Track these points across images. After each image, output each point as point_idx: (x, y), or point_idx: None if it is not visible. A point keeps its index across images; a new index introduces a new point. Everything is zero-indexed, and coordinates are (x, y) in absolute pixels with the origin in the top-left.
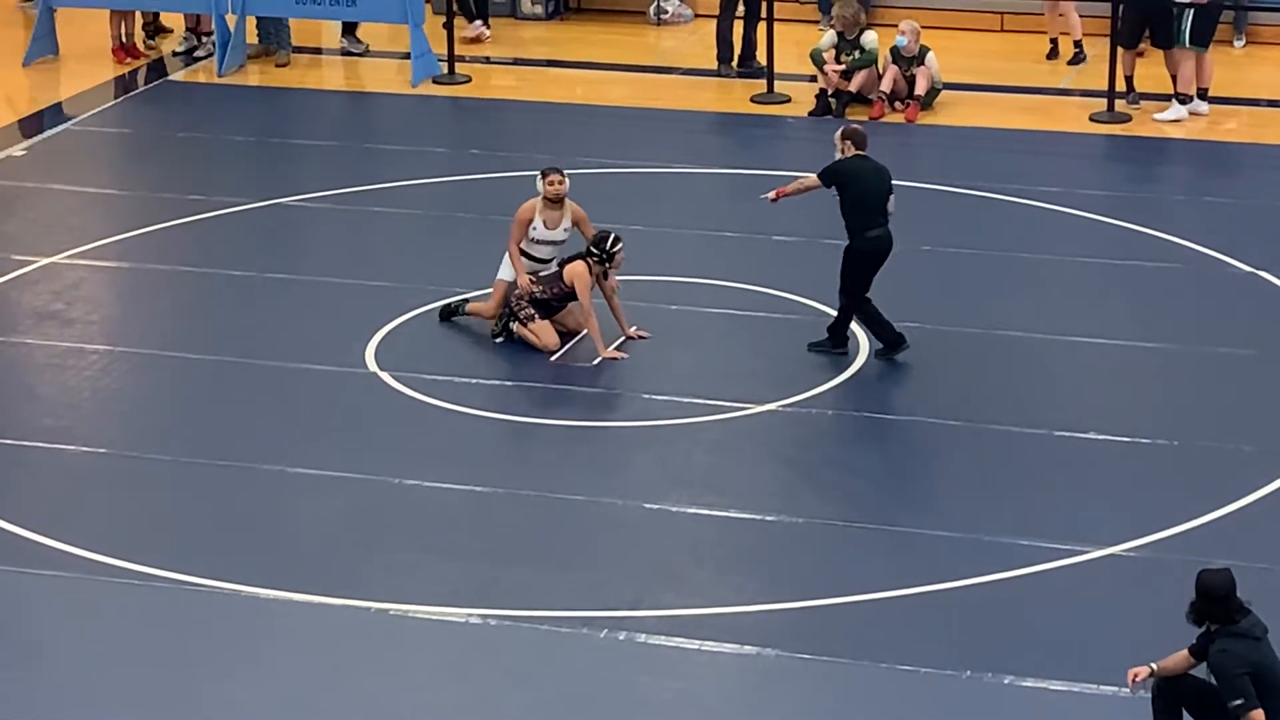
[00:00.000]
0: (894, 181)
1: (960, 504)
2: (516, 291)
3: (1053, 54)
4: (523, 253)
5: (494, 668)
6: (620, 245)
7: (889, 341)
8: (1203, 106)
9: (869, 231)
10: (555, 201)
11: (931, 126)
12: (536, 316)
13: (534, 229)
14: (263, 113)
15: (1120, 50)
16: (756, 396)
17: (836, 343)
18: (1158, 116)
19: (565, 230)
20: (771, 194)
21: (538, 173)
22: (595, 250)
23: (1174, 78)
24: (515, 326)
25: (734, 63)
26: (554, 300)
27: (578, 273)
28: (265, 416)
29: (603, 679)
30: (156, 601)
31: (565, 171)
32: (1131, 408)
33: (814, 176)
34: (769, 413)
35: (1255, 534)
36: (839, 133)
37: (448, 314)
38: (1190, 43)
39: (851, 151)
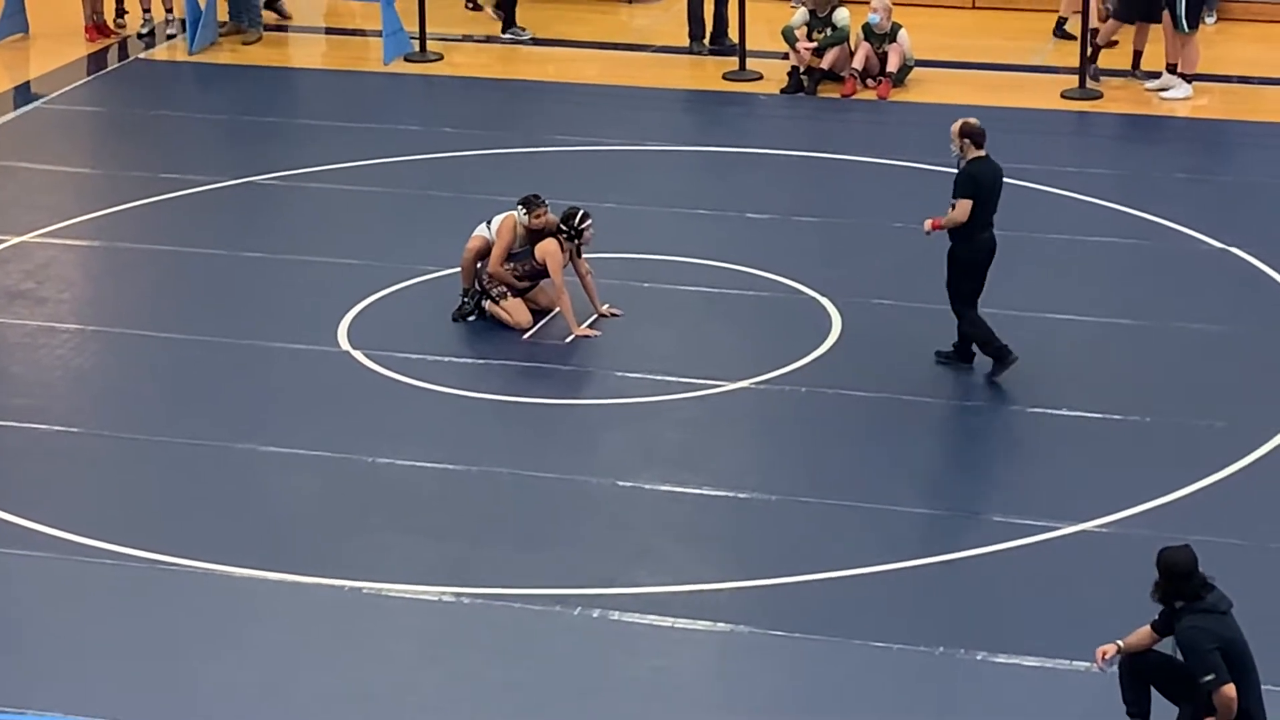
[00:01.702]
0: (867, 159)
1: (932, 481)
2: (489, 271)
3: (1060, 31)
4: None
5: (469, 646)
6: (589, 221)
7: (961, 353)
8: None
9: (982, 233)
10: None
11: (904, 103)
12: (509, 294)
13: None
14: (234, 91)
15: (1119, 25)
16: (730, 374)
17: (1003, 357)
18: (1165, 95)
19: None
20: (928, 225)
21: (519, 203)
22: (564, 226)
23: (1137, 53)
24: (487, 305)
25: (706, 40)
26: (526, 278)
27: (549, 250)
28: (238, 395)
29: (577, 657)
30: (130, 581)
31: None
32: (1103, 384)
33: (963, 203)
34: (742, 390)
35: (1227, 510)
36: (957, 128)
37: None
38: (1188, 27)
39: (972, 152)
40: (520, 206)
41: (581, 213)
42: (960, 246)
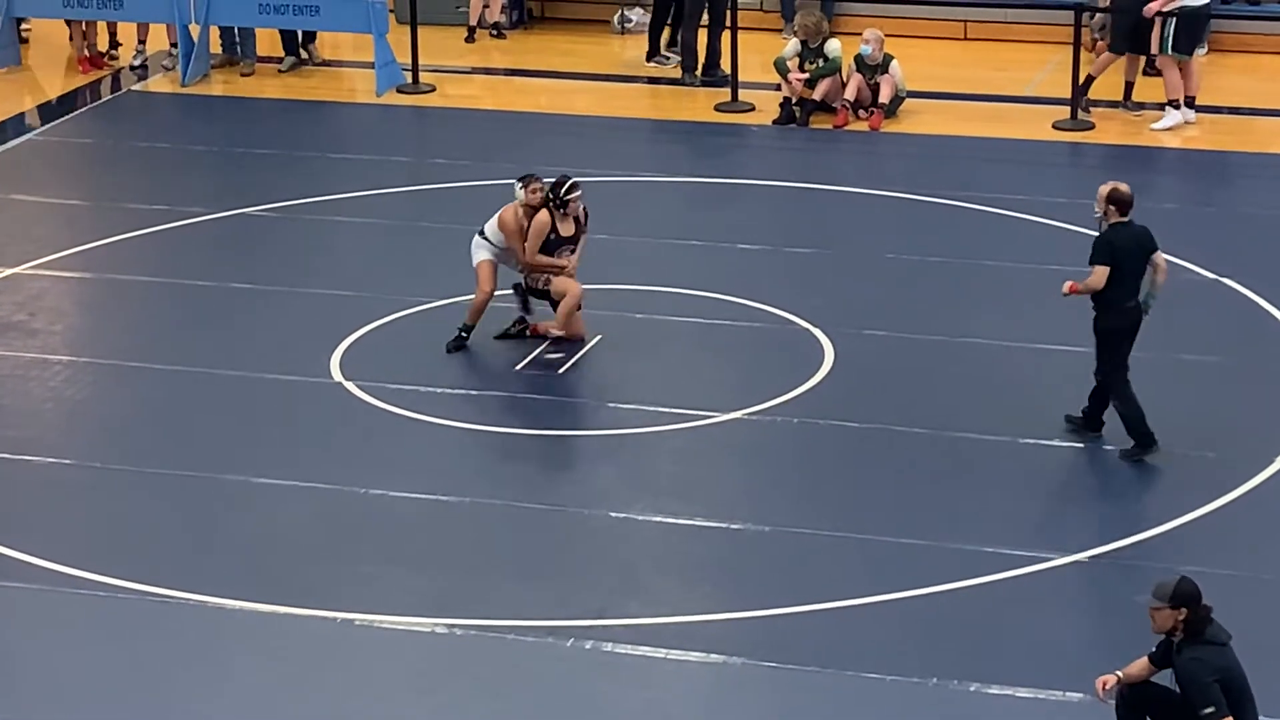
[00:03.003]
0: (859, 190)
1: (925, 511)
2: (526, 263)
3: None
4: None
5: (460, 678)
6: (577, 193)
7: (1138, 439)
8: (1190, 114)
9: (1125, 302)
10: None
11: (895, 134)
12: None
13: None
14: (227, 122)
15: (1115, 57)
16: (721, 405)
17: (1092, 426)
18: (1155, 126)
19: None
20: (1066, 287)
21: (517, 181)
22: (552, 195)
23: (1128, 84)
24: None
25: (698, 72)
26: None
27: (536, 219)
28: (230, 427)
29: (569, 688)
30: (121, 612)
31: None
32: None
33: (1099, 269)
34: (734, 421)
35: (1219, 540)
36: (1103, 194)
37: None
38: (1173, 50)
39: (1115, 217)
40: (517, 183)
41: (570, 182)
42: (1101, 315)
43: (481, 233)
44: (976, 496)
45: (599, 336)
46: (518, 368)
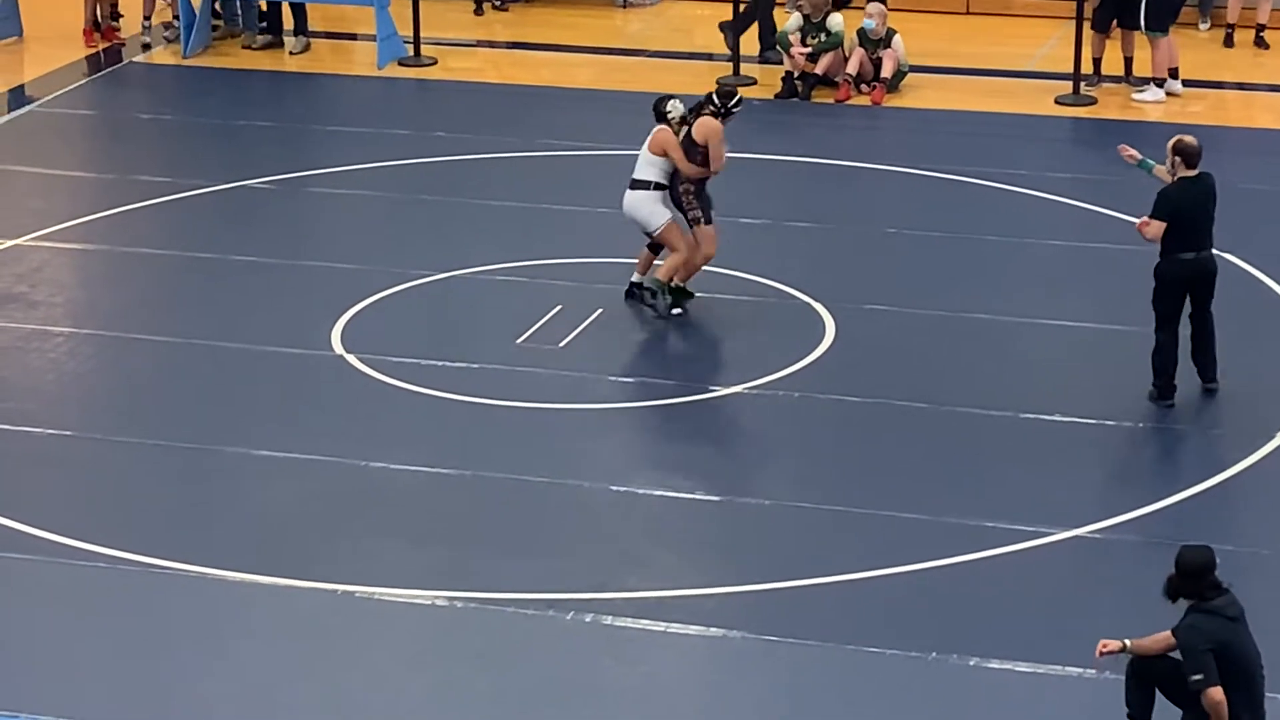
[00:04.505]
0: (861, 164)
1: (926, 486)
2: (684, 186)
3: (1229, 42)
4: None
5: (460, 650)
6: (740, 105)
7: (1161, 389)
8: (1176, 86)
9: (1182, 254)
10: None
11: (897, 109)
12: (702, 220)
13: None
14: (228, 95)
15: (1091, 34)
16: (722, 379)
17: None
18: (1136, 97)
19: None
20: (1138, 223)
21: (664, 101)
22: (717, 101)
23: (1127, 60)
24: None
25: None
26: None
27: (711, 128)
28: (231, 399)
29: (568, 661)
30: (121, 584)
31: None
32: (1096, 390)
33: (1156, 224)
34: (736, 395)
35: (1219, 515)
36: (1171, 145)
37: (671, 298)
38: (1146, 28)
39: (1182, 170)
40: (674, 101)
41: (739, 95)
42: (1160, 263)
43: (640, 184)
44: (977, 471)
45: (600, 310)
46: (519, 341)
